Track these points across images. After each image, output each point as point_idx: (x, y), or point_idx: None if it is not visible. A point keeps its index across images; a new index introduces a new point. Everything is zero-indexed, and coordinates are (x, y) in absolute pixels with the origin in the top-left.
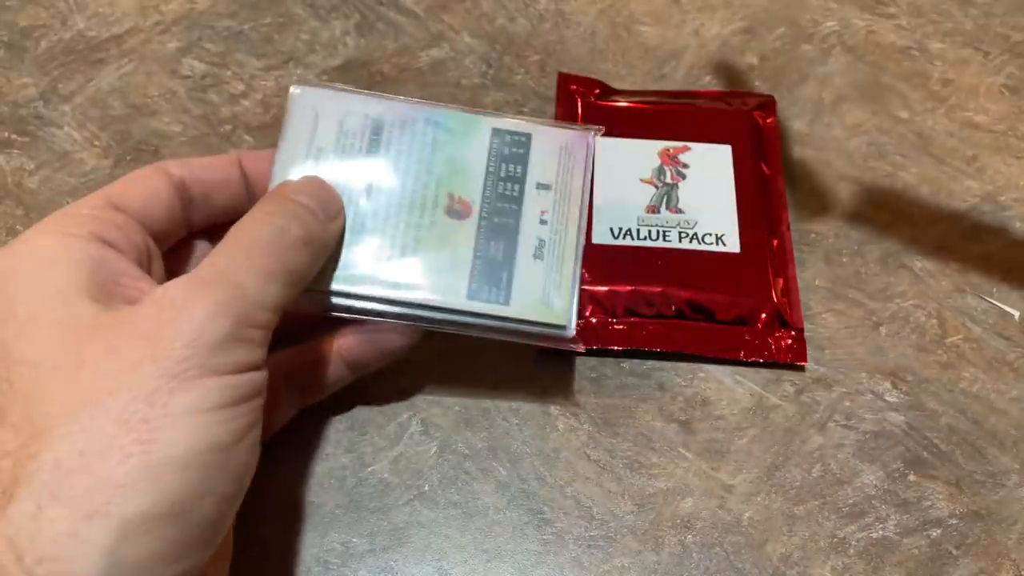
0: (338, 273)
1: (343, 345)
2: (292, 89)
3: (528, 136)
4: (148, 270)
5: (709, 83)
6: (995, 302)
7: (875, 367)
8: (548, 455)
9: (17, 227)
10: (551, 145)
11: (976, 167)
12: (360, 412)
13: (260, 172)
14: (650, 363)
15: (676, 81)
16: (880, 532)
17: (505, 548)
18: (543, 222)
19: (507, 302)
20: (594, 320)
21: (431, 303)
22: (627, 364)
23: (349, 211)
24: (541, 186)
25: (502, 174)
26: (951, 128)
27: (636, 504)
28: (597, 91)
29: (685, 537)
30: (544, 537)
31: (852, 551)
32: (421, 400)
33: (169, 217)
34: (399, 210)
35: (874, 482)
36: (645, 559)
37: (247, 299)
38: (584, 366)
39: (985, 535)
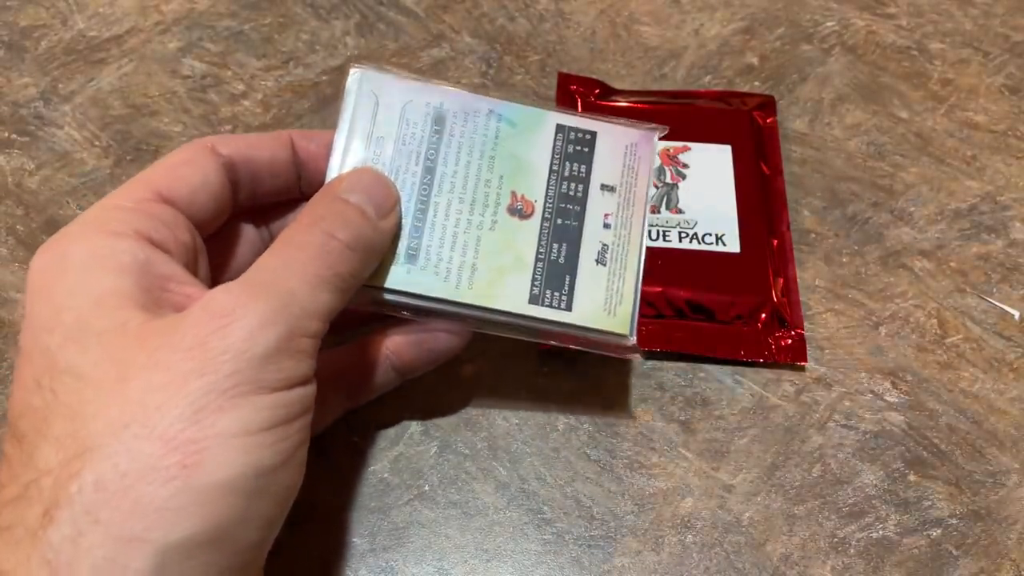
0: (395, 269)
1: (392, 347)
2: (352, 71)
3: (593, 134)
4: (194, 268)
5: (709, 83)
6: (995, 302)
7: (875, 367)
8: (548, 455)
9: (17, 227)
10: (616, 144)
11: (976, 167)
12: (360, 412)
13: (312, 153)
14: (650, 363)
15: (676, 81)
16: (880, 532)
17: (505, 548)
18: (607, 226)
19: (569, 308)
20: None
21: (491, 306)
22: (627, 364)
23: (409, 204)
24: (605, 187)
25: (566, 173)
26: (951, 128)
27: (636, 504)
28: (597, 91)
29: (685, 537)
30: (544, 537)
31: (852, 551)
32: (421, 400)
33: (217, 205)
34: (461, 206)
35: (874, 482)
36: (645, 559)
37: (297, 307)
38: (584, 366)
39: (985, 535)
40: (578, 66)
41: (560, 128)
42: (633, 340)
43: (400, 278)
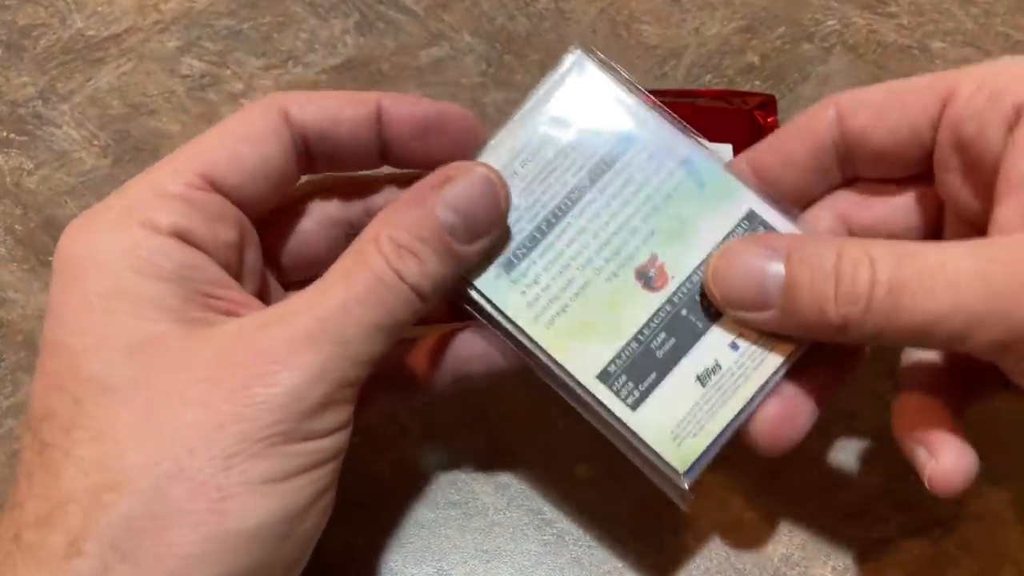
0: (488, 269)
1: (458, 353)
2: (571, 52)
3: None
4: (239, 262)
5: (710, 82)
6: None
7: (875, 366)
8: (548, 455)
9: (16, 227)
10: None
11: None
12: None
13: (402, 119)
14: None
15: (676, 80)
16: (881, 532)
17: (505, 548)
18: (734, 347)
19: (635, 408)
20: None
21: (557, 359)
22: None
23: (539, 211)
24: None
25: None
26: None
27: (637, 504)
28: None
29: (685, 538)
30: (544, 538)
31: (853, 551)
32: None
33: (277, 188)
34: (590, 241)
35: (874, 482)
36: (645, 559)
37: (350, 358)
38: None
39: (985, 535)
40: None
41: (751, 216)
42: (686, 485)
43: (487, 281)
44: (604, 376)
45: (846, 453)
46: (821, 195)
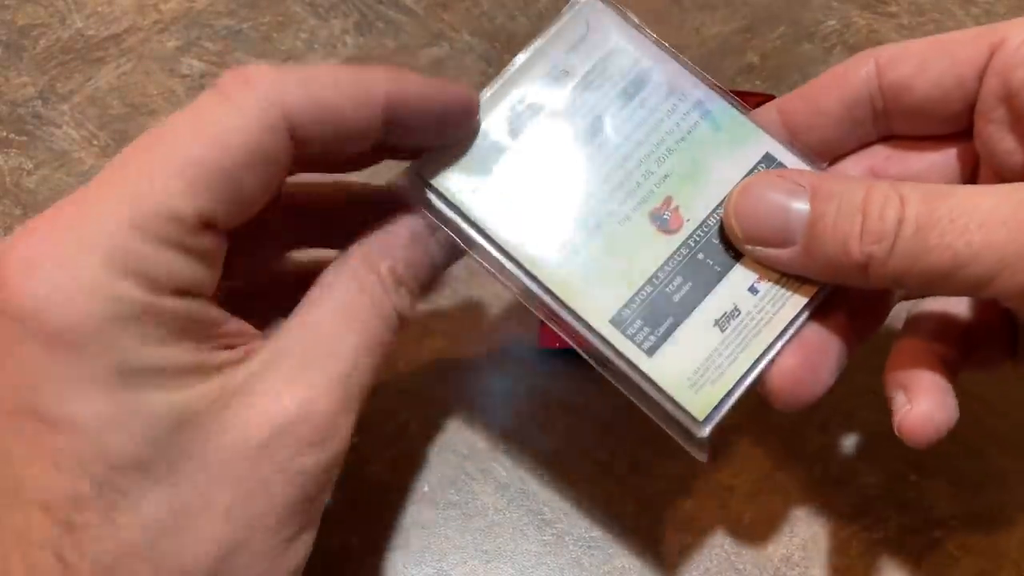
0: (468, 179)
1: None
2: None
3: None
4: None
5: None
6: None
7: (875, 366)
8: (548, 455)
9: (15, 227)
10: None
11: None
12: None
13: (405, 100)
14: None
15: None
16: (881, 532)
17: (505, 549)
18: (753, 290)
19: (651, 354)
20: None
21: (567, 302)
22: None
23: (548, 149)
24: None
25: None
26: None
27: (637, 505)
28: None
29: (686, 538)
30: (544, 538)
31: (853, 551)
32: (421, 400)
33: (262, 211)
34: (602, 181)
35: (874, 482)
36: (646, 560)
37: (363, 401)
38: (585, 366)
39: (985, 535)
40: None
41: (768, 158)
42: (704, 433)
43: (482, 209)
44: (618, 321)
45: (846, 453)
46: (851, 150)
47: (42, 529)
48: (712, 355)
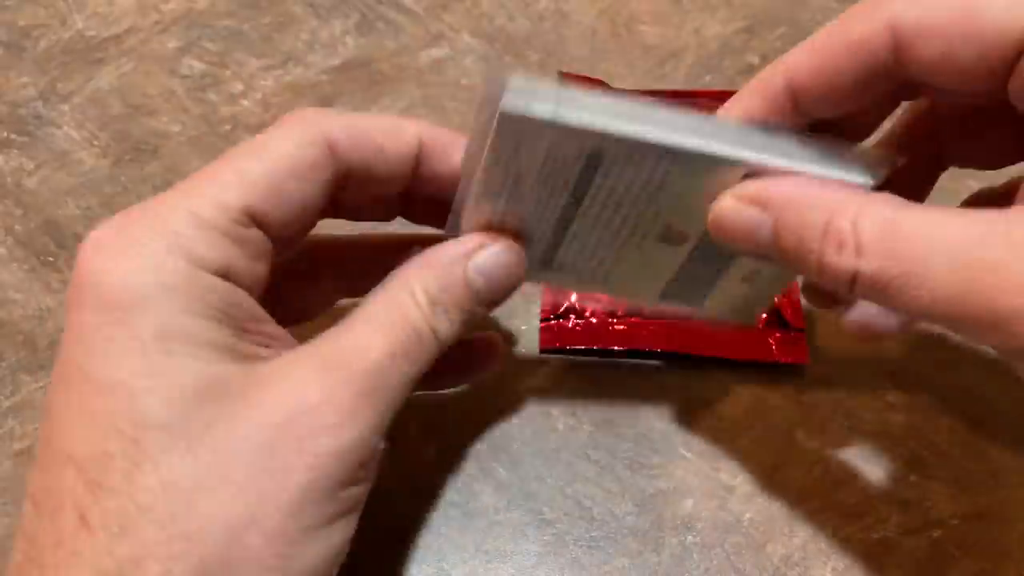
0: (530, 272)
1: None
2: (503, 99)
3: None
4: (265, 297)
5: (710, 82)
6: None
7: (875, 366)
8: (548, 455)
9: (16, 227)
10: None
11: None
12: None
13: (439, 156)
14: (650, 363)
15: (677, 81)
16: (881, 532)
17: (505, 548)
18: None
19: (701, 306)
20: (594, 320)
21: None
22: (628, 364)
23: (549, 219)
24: None
25: None
26: None
27: (636, 505)
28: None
29: (686, 538)
30: (544, 538)
31: (853, 551)
32: (421, 400)
33: (308, 227)
34: (603, 232)
35: (874, 482)
36: (646, 560)
37: (393, 408)
38: (585, 366)
39: (985, 535)
40: (578, 66)
41: (748, 168)
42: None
43: (531, 276)
44: (663, 298)
45: (846, 453)
46: (877, 121)
47: (74, 489)
48: (747, 294)
